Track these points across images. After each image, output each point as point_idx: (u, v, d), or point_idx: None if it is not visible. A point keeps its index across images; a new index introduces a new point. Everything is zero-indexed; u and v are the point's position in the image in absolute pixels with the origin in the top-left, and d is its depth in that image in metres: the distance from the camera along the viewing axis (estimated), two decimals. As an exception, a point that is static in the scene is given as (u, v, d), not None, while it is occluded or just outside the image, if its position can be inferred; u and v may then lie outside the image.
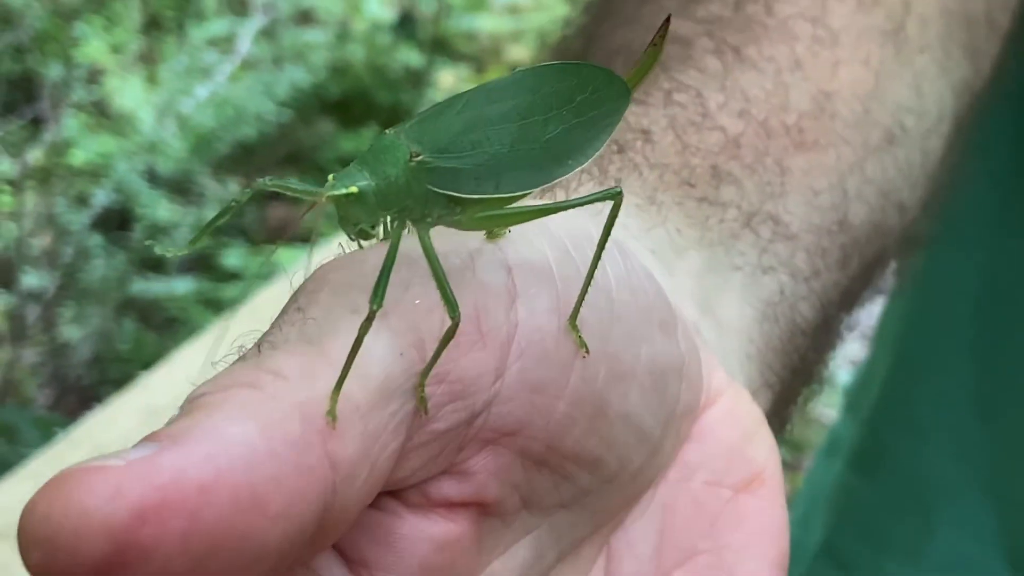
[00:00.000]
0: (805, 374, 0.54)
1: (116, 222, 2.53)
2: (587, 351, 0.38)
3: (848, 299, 0.57)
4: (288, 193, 0.36)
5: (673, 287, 0.44)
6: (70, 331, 2.46)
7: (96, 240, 2.49)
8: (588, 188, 0.45)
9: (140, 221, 2.51)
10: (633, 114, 0.51)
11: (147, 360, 2.01)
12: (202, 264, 2.52)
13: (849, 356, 1.75)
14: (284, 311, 0.36)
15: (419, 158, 0.36)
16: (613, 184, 0.45)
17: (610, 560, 0.43)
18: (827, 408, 1.66)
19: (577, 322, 0.38)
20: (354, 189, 0.36)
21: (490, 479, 0.38)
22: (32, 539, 0.29)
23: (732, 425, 0.44)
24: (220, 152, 2.65)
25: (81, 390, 2.37)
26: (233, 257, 2.47)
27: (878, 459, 0.88)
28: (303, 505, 0.31)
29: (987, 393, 0.84)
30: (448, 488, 0.37)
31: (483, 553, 0.39)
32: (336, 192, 0.35)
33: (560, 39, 0.65)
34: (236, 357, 0.34)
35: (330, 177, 0.36)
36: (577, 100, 0.38)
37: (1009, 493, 0.83)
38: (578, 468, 0.40)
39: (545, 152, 0.38)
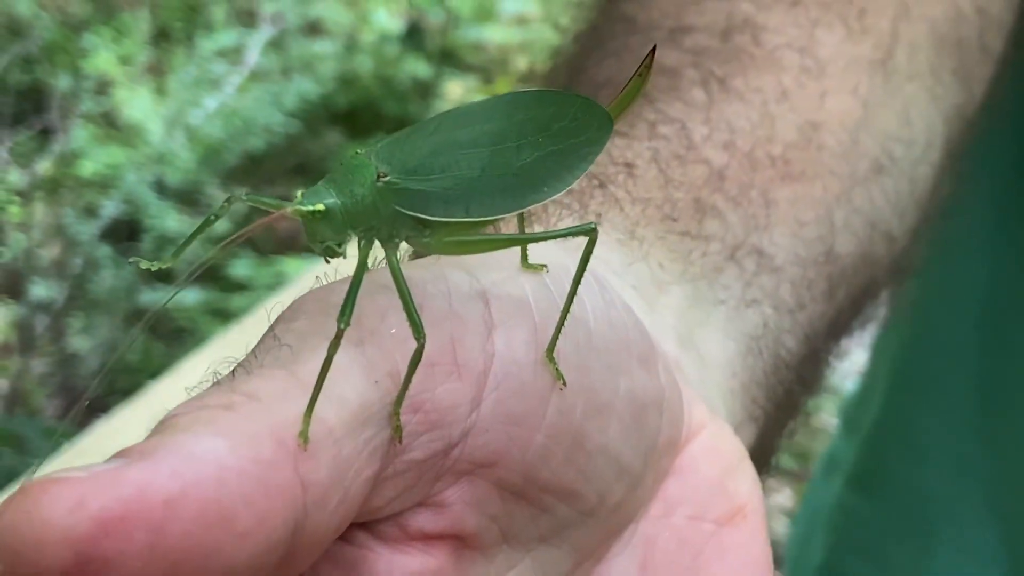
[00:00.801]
0: (790, 407, 0.54)
1: (125, 233, 2.53)
2: (564, 383, 0.38)
3: (836, 330, 0.56)
4: (261, 207, 0.36)
5: (654, 323, 0.44)
6: (78, 342, 2.46)
7: (105, 251, 2.50)
8: (568, 222, 0.45)
9: (149, 232, 2.52)
10: (616, 147, 0.50)
11: (156, 370, 2.01)
12: (210, 275, 2.52)
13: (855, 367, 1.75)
14: (261, 340, 0.36)
15: (386, 178, 0.36)
16: (593, 219, 0.45)
17: None
18: (833, 418, 1.66)
19: (555, 354, 0.38)
20: (320, 206, 0.36)
21: (467, 511, 0.38)
22: None
23: (714, 460, 0.44)
24: (228, 163, 2.66)
25: (90, 401, 2.37)
26: (241, 268, 2.47)
27: (878, 478, 0.88)
28: (272, 525, 0.31)
29: (987, 412, 0.83)
30: (424, 520, 0.37)
31: None
32: (302, 208, 0.35)
33: (549, 69, 0.64)
34: (211, 383, 0.34)
35: (298, 193, 0.36)
36: (554, 128, 0.38)
37: (1010, 512, 0.82)
38: (556, 500, 0.39)
39: (518, 178, 0.38)
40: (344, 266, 0.38)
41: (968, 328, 0.84)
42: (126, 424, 1.38)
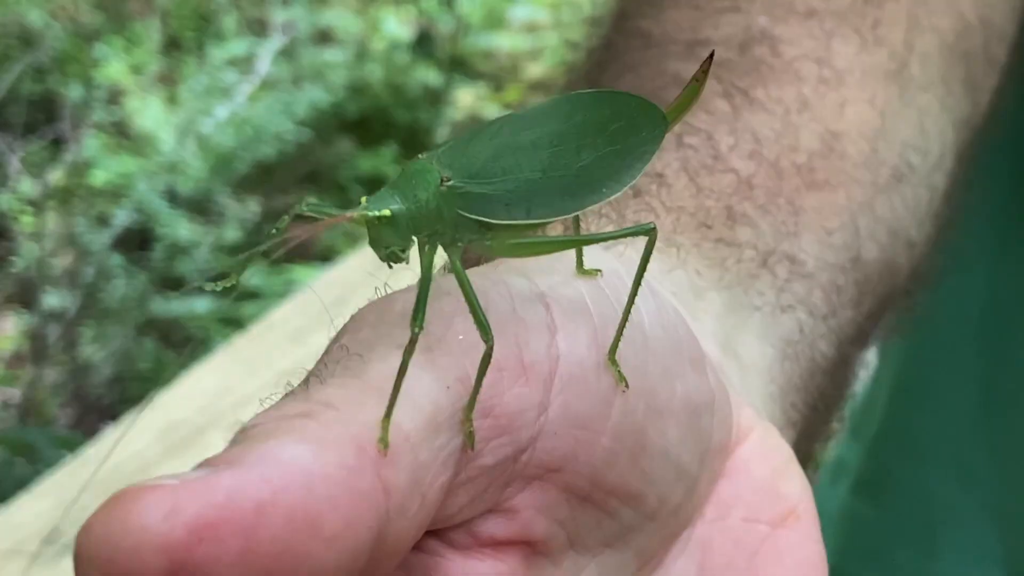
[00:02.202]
0: (825, 412, 0.54)
1: (136, 242, 2.54)
2: (627, 385, 0.38)
3: (862, 337, 0.57)
4: (322, 218, 0.36)
5: (696, 329, 0.44)
6: (91, 351, 2.47)
7: (116, 260, 2.50)
8: (608, 230, 0.45)
9: (160, 241, 2.52)
10: None
11: (168, 379, 2.02)
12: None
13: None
14: (327, 351, 0.36)
15: (450, 183, 0.36)
16: (645, 243, 0.45)
17: None
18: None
19: (616, 357, 0.38)
20: (386, 212, 0.36)
21: (536, 516, 0.38)
22: (90, 561, 0.29)
23: (763, 461, 0.44)
24: (240, 171, 2.66)
25: (102, 409, 2.38)
26: (252, 276, 2.48)
27: (882, 484, 0.89)
28: (358, 529, 0.31)
29: (989, 418, 0.84)
30: (495, 526, 0.37)
31: None
32: (370, 214, 0.36)
33: (564, 84, 0.65)
34: (282, 394, 0.35)
35: (363, 199, 0.36)
36: (611, 128, 0.38)
37: (1014, 518, 0.83)
38: (621, 504, 0.39)
39: (577, 179, 0.38)
40: (380, 277, 0.38)
41: (969, 334, 0.85)
42: (134, 432, 1.39)
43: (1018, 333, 0.83)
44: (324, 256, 2.58)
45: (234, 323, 2.41)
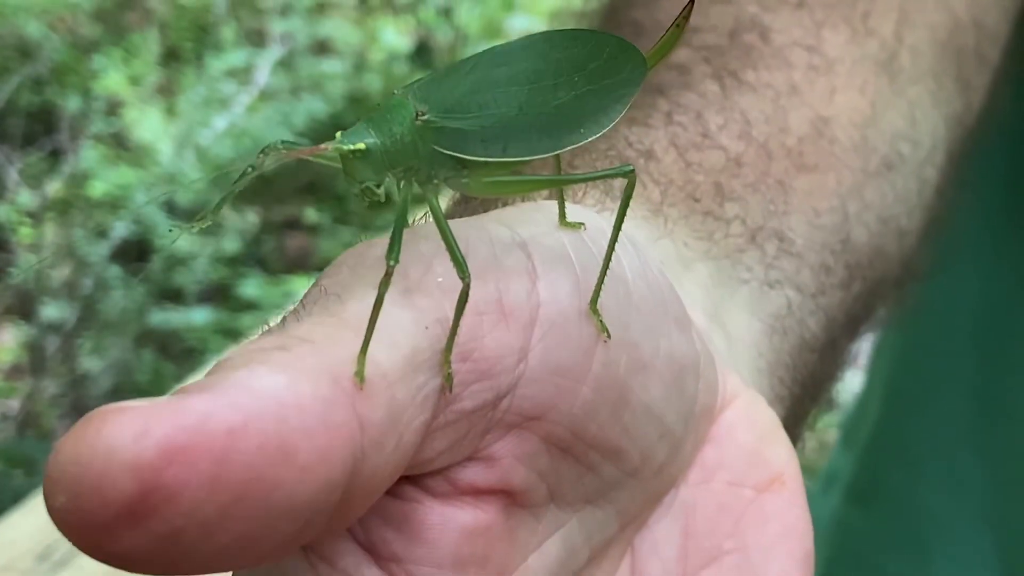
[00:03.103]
0: (814, 391, 0.54)
1: (135, 253, 2.54)
2: (608, 336, 0.38)
3: (852, 323, 0.57)
4: (296, 155, 0.36)
5: (682, 297, 0.43)
6: (90, 362, 2.47)
7: (115, 271, 2.50)
8: (593, 197, 0.45)
9: (158, 252, 2.52)
10: (634, 134, 0.51)
11: (166, 390, 2.01)
12: (220, 294, 2.53)
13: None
14: (307, 293, 0.36)
15: (425, 117, 0.36)
16: (624, 187, 0.45)
17: (635, 561, 0.42)
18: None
19: (598, 307, 0.38)
20: (360, 145, 0.35)
21: (516, 465, 0.37)
22: (57, 482, 0.28)
23: (749, 427, 0.44)
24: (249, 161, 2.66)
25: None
26: (250, 287, 2.48)
27: (874, 492, 0.88)
28: (332, 462, 0.30)
29: (982, 425, 0.84)
30: (474, 474, 0.37)
31: (516, 546, 0.38)
32: (344, 147, 0.35)
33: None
34: (261, 333, 0.34)
35: (337, 134, 0.36)
36: (589, 67, 0.38)
37: (1007, 527, 0.82)
38: (602, 458, 0.39)
39: (555, 118, 0.38)
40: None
41: (963, 341, 0.85)
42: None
43: (1011, 340, 0.83)
44: (322, 267, 2.57)
45: (232, 334, 2.41)
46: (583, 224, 0.40)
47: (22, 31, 2.74)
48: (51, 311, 2.45)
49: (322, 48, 2.97)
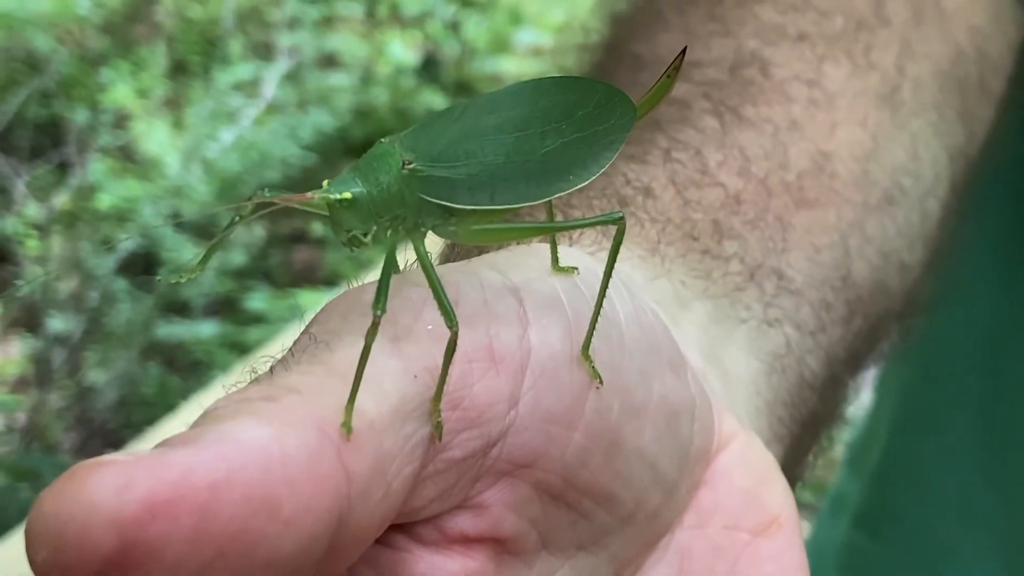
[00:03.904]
0: (814, 430, 0.54)
1: (141, 266, 2.54)
2: (601, 382, 0.37)
3: (854, 359, 0.56)
4: (284, 203, 0.36)
5: (679, 337, 0.43)
6: (95, 375, 2.47)
7: (121, 284, 2.50)
8: (589, 237, 0.45)
9: (165, 265, 2.53)
10: (632, 171, 0.51)
11: (172, 404, 2.01)
12: (226, 307, 2.53)
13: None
14: (296, 340, 0.35)
15: (411, 166, 0.36)
16: (615, 233, 0.45)
17: None
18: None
19: (590, 353, 0.37)
20: (347, 195, 0.35)
21: (506, 513, 0.37)
22: (39, 536, 0.28)
23: (745, 470, 0.43)
24: (245, 196, 2.66)
25: (107, 434, 2.38)
26: (257, 300, 2.48)
27: (883, 519, 0.88)
28: (317, 514, 0.30)
29: (991, 453, 0.83)
30: (464, 522, 0.36)
31: None
32: (330, 196, 0.35)
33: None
34: (248, 381, 0.34)
35: (324, 183, 0.35)
36: (578, 115, 0.38)
37: (1018, 555, 0.82)
38: (595, 505, 0.39)
39: (543, 165, 0.37)
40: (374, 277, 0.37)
41: (971, 369, 0.84)
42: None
43: (1020, 367, 0.82)
44: (329, 281, 2.58)
45: (239, 348, 2.41)
46: (576, 268, 0.40)
47: (30, 44, 2.75)
48: (57, 324, 2.45)
49: (329, 61, 2.97)
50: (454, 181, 0.36)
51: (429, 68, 2.96)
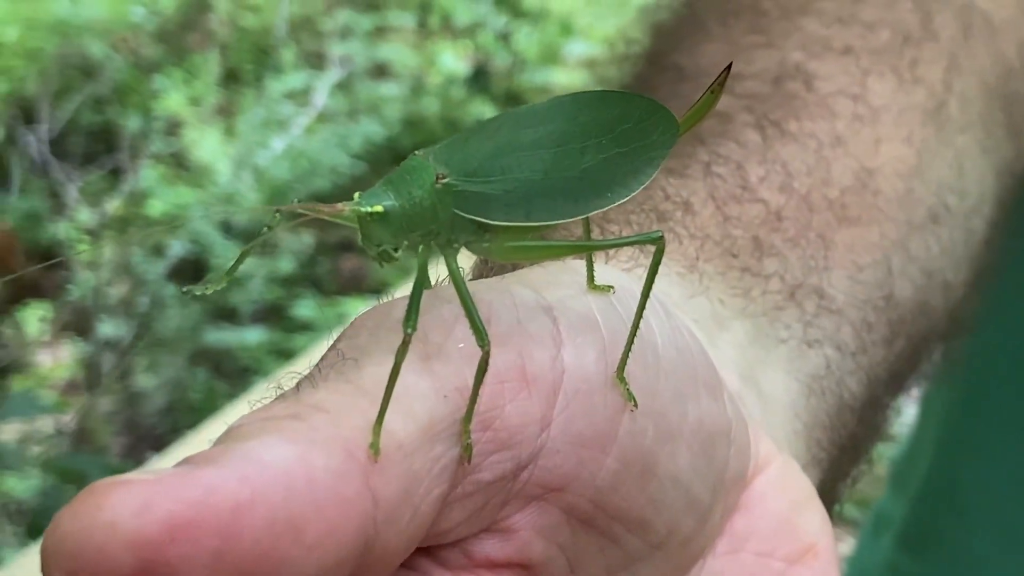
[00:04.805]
0: (854, 452, 0.53)
1: (191, 272, 2.56)
2: (635, 404, 0.37)
3: (895, 379, 0.55)
4: (314, 214, 0.35)
5: (716, 358, 0.42)
6: (144, 380, 2.48)
7: (171, 290, 2.52)
8: (626, 254, 0.44)
9: (214, 272, 2.54)
10: (671, 185, 0.50)
11: (219, 409, 2.02)
12: (274, 315, 2.54)
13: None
14: (324, 356, 0.35)
15: (445, 180, 0.35)
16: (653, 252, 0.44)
17: None
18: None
19: (625, 375, 0.36)
20: (379, 208, 0.35)
21: (535, 538, 0.36)
22: (54, 556, 0.28)
23: (782, 495, 0.42)
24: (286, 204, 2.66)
25: (155, 439, 2.39)
26: (304, 308, 2.48)
27: (926, 539, 0.87)
28: (342, 538, 0.30)
29: None
30: (491, 547, 0.36)
31: None
32: (360, 209, 0.34)
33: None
34: (274, 397, 0.34)
35: (355, 195, 0.35)
36: (618, 130, 0.37)
37: None
38: (626, 531, 0.38)
39: (582, 182, 0.37)
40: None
41: (1016, 390, 0.83)
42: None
43: None
44: (376, 290, 2.58)
45: (285, 354, 2.42)
46: (612, 287, 0.39)
47: (85, 51, 2.78)
48: (108, 328, 2.47)
49: (380, 71, 2.98)
50: (489, 196, 0.36)
51: (479, 79, 2.96)
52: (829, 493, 0.49)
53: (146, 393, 2.45)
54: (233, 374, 2.48)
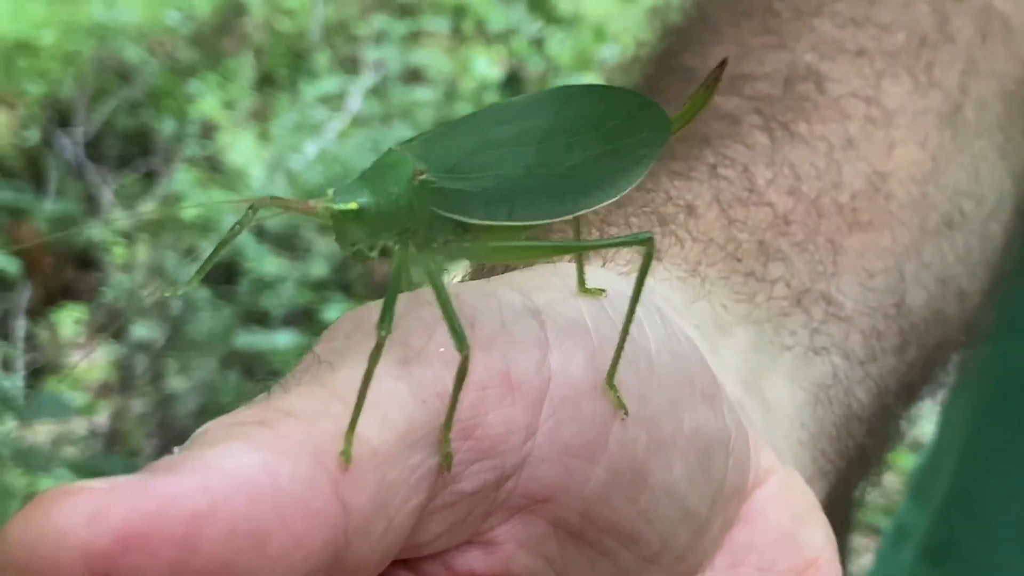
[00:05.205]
0: (862, 464, 0.52)
1: (223, 276, 2.56)
2: (626, 412, 0.35)
3: (907, 390, 0.54)
4: (286, 211, 0.34)
5: (717, 365, 0.41)
6: (177, 382, 2.49)
7: (203, 293, 2.53)
8: (623, 257, 0.43)
9: (246, 276, 2.55)
10: (675, 188, 0.49)
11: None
12: (305, 318, 2.54)
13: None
14: (300, 361, 0.34)
15: (423, 177, 0.34)
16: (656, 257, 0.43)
17: None
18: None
19: (615, 381, 0.35)
20: (353, 205, 0.34)
21: (520, 551, 0.35)
22: (4, 566, 0.27)
23: (783, 507, 0.41)
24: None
25: (186, 441, 2.40)
26: (335, 311, 2.48)
27: (949, 552, 0.86)
28: (309, 550, 0.29)
29: None
30: (474, 559, 0.35)
31: None
32: (335, 207, 0.33)
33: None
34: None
35: (329, 191, 0.34)
36: (607, 126, 0.36)
37: None
38: (617, 544, 0.37)
39: (567, 180, 0.35)
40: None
41: None
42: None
43: None
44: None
45: (316, 358, 2.42)
46: (604, 290, 0.38)
47: (121, 54, 2.80)
48: (141, 330, 2.48)
49: (414, 76, 2.98)
50: (468, 194, 0.34)
51: (513, 84, 2.96)
52: (837, 506, 0.48)
53: (178, 395, 2.46)
54: (264, 377, 2.48)
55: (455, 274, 0.41)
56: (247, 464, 0.28)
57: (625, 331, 0.35)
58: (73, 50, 2.79)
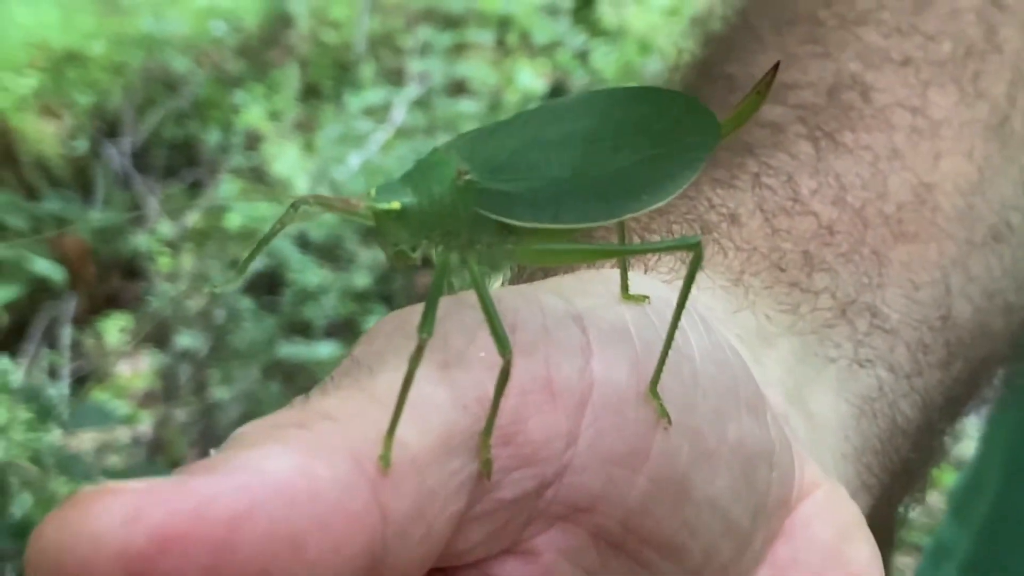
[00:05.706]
0: (907, 479, 0.51)
1: (266, 286, 2.58)
2: (669, 421, 0.35)
3: (952, 405, 0.53)
4: (327, 209, 0.33)
5: (760, 376, 0.41)
6: (220, 392, 2.50)
7: (247, 303, 2.54)
8: (667, 264, 0.42)
9: (290, 286, 2.55)
10: (718, 196, 0.48)
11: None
12: (346, 329, 2.55)
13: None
14: (340, 364, 0.34)
15: (467, 177, 0.33)
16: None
17: None
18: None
19: (658, 389, 0.34)
20: (395, 204, 0.33)
21: (560, 561, 0.35)
22: (36, 567, 0.26)
23: (828, 522, 0.40)
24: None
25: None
26: (374, 319, 2.49)
27: (990, 571, 0.84)
28: (347, 554, 0.28)
29: None
30: (512, 569, 0.35)
31: None
32: (377, 205, 0.33)
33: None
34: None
35: (371, 190, 0.33)
36: (655, 129, 0.35)
37: None
38: (658, 556, 0.36)
39: (614, 183, 0.35)
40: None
41: None
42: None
43: None
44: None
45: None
46: (647, 297, 0.37)
47: (168, 65, 2.82)
48: (185, 340, 2.49)
49: (459, 88, 2.98)
50: (513, 196, 0.34)
51: (556, 96, 2.95)
52: (881, 521, 0.47)
53: (221, 405, 2.47)
54: (306, 388, 2.49)
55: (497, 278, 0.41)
56: (286, 466, 0.28)
57: (670, 338, 0.35)
58: (121, 61, 2.82)
